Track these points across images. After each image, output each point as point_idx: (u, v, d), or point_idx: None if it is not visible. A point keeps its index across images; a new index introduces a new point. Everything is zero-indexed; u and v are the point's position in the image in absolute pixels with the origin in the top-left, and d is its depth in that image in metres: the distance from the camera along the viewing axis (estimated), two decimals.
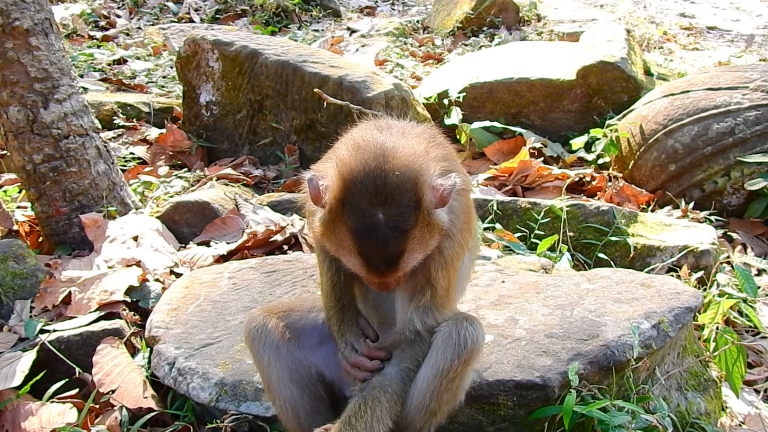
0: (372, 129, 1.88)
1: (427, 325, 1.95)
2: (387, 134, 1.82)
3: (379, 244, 1.69)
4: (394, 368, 1.95)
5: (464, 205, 1.96)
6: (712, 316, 2.98)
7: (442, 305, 1.97)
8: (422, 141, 1.85)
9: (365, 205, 1.68)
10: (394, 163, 1.70)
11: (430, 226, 1.73)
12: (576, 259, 3.58)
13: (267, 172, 4.90)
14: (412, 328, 1.95)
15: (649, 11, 10.28)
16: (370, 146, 1.75)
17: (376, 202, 1.67)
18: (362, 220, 1.68)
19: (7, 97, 3.44)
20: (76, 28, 8.66)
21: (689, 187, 4.42)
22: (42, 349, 2.70)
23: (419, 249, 1.75)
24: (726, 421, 2.67)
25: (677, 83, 4.90)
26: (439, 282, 1.93)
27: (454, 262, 1.95)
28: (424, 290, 1.93)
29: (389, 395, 1.89)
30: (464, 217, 1.95)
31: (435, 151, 1.86)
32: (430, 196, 1.71)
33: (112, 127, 5.41)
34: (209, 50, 5.11)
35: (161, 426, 2.53)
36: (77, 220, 3.69)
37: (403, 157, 1.72)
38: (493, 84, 5.70)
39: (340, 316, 2.07)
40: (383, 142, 1.76)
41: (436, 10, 9.76)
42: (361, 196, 1.68)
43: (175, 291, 2.97)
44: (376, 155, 1.71)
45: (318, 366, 2.11)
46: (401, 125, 1.94)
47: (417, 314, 1.94)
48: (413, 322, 1.95)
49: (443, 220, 1.76)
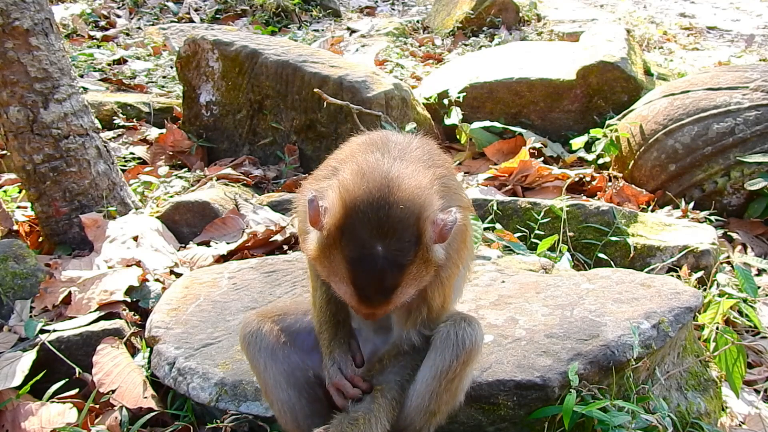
0: (375, 151, 1.84)
1: (424, 337, 1.96)
2: (390, 159, 1.78)
3: (374, 276, 1.65)
4: (392, 374, 1.95)
5: (461, 225, 1.92)
6: (712, 316, 2.98)
7: (438, 318, 1.97)
8: (425, 168, 1.82)
9: (365, 236, 1.63)
10: (398, 196, 1.65)
11: (426, 262, 1.70)
12: (576, 259, 3.58)
13: (267, 172, 4.90)
14: (410, 343, 1.96)
15: (649, 11, 10.28)
16: (375, 174, 1.70)
17: (377, 235, 1.63)
18: (360, 251, 1.64)
19: (7, 97, 3.45)
20: (76, 28, 8.66)
21: (689, 187, 4.42)
22: (42, 349, 2.70)
23: (413, 284, 1.71)
24: (726, 421, 2.67)
25: (677, 83, 4.90)
26: (435, 300, 1.93)
27: (449, 281, 1.95)
28: (420, 308, 1.93)
29: (387, 399, 1.89)
30: (460, 237, 1.93)
31: (437, 180, 1.83)
32: (431, 232, 1.68)
33: (112, 127, 5.41)
34: (209, 50, 5.11)
35: (161, 426, 2.53)
36: (77, 220, 3.69)
37: (408, 189, 1.68)
38: (493, 84, 5.71)
39: (332, 332, 2.03)
40: (388, 171, 1.71)
41: (436, 10, 9.76)
42: (362, 226, 1.64)
43: (175, 291, 2.97)
44: (381, 186, 1.66)
45: (315, 368, 2.10)
46: (402, 143, 1.91)
47: (414, 331, 1.96)
48: (410, 338, 1.96)
49: (440, 257, 1.73)
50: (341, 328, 2.05)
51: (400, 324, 1.98)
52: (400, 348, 1.98)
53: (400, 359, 1.97)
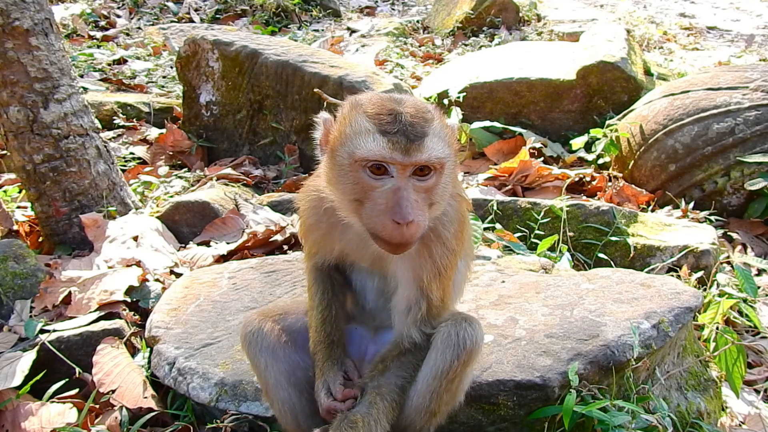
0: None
1: (425, 335, 1.96)
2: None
3: (402, 120, 1.67)
4: (393, 375, 1.94)
5: (459, 213, 1.95)
6: (712, 316, 2.98)
7: (438, 315, 1.97)
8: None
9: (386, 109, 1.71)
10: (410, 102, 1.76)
11: (443, 141, 1.74)
12: (576, 259, 3.58)
13: (267, 172, 4.90)
14: (411, 341, 1.96)
15: (649, 11, 10.28)
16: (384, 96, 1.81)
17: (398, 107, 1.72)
18: (382, 106, 1.71)
19: (7, 97, 3.44)
20: (76, 28, 8.67)
21: (689, 187, 4.42)
22: (42, 349, 2.70)
23: (441, 144, 1.72)
24: (726, 421, 2.67)
25: (677, 83, 4.90)
26: (434, 293, 1.92)
27: (447, 272, 1.94)
28: (419, 303, 1.92)
29: (387, 401, 1.89)
30: (458, 225, 1.94)
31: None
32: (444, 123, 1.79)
33: (112, 127, 5.41)
34: (209, 50, 5.11)
35: (161, 426, 2.53)
36: (77, 220, 3.69)
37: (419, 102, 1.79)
38: (493, 84, 5.71)
39: (327, 353, 2.03)
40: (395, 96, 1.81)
41: (436, 10, 9.76)
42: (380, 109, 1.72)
43: (175, 291, 2.97)
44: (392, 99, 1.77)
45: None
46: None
47: (414, 328, 1.95)
48: (411, 335, 1.95)
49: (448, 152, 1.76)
50: (335, 348, 2.04)
51: (401, 320, 1.98)
52: (401, 348, 1.97)
53: (401, 360, 1.97)
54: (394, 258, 1.90)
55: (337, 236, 1.99)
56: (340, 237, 1.99)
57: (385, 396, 1.90)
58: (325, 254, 2.09)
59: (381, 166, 1.68)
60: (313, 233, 2.06)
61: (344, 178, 1.73)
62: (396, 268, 1.96)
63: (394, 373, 1.95)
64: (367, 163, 1.68)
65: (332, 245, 2.04)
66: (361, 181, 1.70)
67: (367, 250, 1.95)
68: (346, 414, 1.86)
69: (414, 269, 1.90)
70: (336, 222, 1.91)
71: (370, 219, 1.70)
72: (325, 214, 1.96)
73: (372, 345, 2.11)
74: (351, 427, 1.81)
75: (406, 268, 1.92)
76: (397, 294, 1.98)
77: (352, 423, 1.83)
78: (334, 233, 1.99)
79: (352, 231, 1.92)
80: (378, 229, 1.68)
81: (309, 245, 2.11)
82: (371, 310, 2.15)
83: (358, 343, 2.15)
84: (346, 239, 1.98)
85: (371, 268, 2.06)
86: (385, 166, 1.68)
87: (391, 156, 1.66)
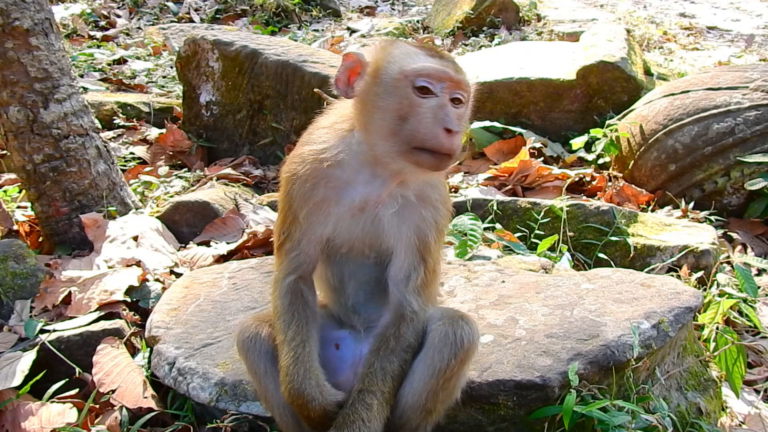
0: None
1: (420, 307, 1.96)
2: None
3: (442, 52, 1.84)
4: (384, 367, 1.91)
5: (442, 180, 2.07)
6: (712, 316, 2.98)
7: (430, 286, 2.00)
8: None
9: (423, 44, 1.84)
10: None
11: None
12: (576, 259, 3.58)
13: (267, 172, 4.90)
14: (411, 309, 1.95)
15: (649, 11, 10.28)
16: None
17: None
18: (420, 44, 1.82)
19: (7, 97, 3.45)
20: (76, 28, 8.67)
21: (689, 187, 4.42)
22: (42, 349, 2.70)
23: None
24: (726, 421, 2.67)
25: (677, 83, 4.90)
26: (431, 256, 1.96)
27: (441, 234, 2.02)
28: (418, 268, 1.95)
29: (379, 399, 1.87)
30: (444, 190, 2.05)
31: None
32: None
33: (112, 127, 5.41)
34: (209, 50, 5.11)
35: (161, 426, 2.53)
36: (77, 220, 3.69)
37: None
38: (493, 84, 5.70)
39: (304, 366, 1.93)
40: None
41: (436, 10, 9.76)
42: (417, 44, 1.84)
43: (175, 291, 2.97)
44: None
45: None
46: None
47: (414, 295, 1.95)
48: (411, 303, 1.95)
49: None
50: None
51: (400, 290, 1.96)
52: (402, 318, 1.94)
53: (391, 356, 1.92)
54: (389, 224, 1.93)
55: (329, 209, 1.93)
56: (332, 210, 1.93)
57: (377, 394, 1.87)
58: (311, 239, 1.98)
59: (426, 88, 1.75)
60: (306, 204, 1.94)
61: (389, 96, 1.78)
62: (392, 234, 1.94)
63: (384, 364, 1.91)
64: (418, 79, 1.74)
65: (324, 221, 1.95)
66: (409, 96, 1.75)
67: (360, 224, 1.93)
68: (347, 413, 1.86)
69: (412, 231, 1.94)
70: (331, 191, 1.91)
71: (416, 131, 1.74)
72: (323, 178, 1.91)
73: (363, 347, 2.06)
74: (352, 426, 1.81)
75: (402, 233, 1.93)
76: (393, 264, 1.97)
77: (353, 423, 1.82)
78: (328, 205, 1.93)
79: (346, 200, 1.91)
80: (427, 137, 1.74)
81: (293, 229, 1.98)
82: (354, 305, 2.11)
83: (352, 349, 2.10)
84: (338, 214, 1.93)
85: (360, 246, 1.99)
86: (430, 88, 1.75)
87: (444, 70, 1.77)
